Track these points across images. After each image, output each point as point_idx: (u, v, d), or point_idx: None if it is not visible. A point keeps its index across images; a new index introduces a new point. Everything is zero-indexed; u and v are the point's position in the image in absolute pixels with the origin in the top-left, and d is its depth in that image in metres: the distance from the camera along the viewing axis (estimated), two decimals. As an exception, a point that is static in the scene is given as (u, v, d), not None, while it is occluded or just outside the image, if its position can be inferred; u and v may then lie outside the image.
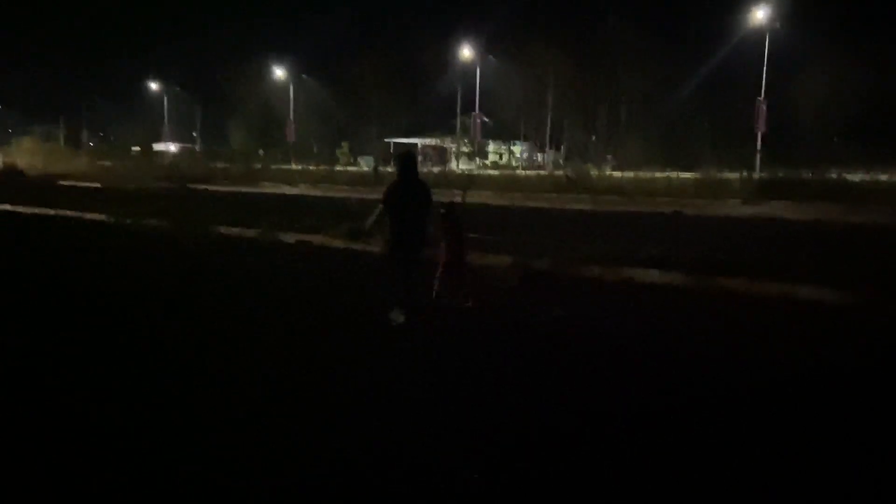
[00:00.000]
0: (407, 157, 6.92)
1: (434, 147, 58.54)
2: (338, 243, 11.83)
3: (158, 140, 71.95)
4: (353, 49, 58.62)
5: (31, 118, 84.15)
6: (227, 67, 62.36)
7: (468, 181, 30.03)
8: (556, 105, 51.45)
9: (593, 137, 46.29)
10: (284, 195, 27.90)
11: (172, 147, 69.88)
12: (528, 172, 35.56)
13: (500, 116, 54.49)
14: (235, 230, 13.64)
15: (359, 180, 36.13)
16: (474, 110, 53.63)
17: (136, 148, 70.83)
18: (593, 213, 19.71)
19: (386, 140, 59.65)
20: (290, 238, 12.43)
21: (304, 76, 60.37)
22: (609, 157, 44.26)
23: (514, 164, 52.46)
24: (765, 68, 34.96)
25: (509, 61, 51.18)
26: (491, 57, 49.37)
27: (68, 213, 17.20)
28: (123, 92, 76.75)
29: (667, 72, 46.01)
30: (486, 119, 54.56)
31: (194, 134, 70.93)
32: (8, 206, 19.00)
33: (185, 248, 11.65)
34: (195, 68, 68.21)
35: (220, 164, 49.59)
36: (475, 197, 24.19)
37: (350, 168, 48.04)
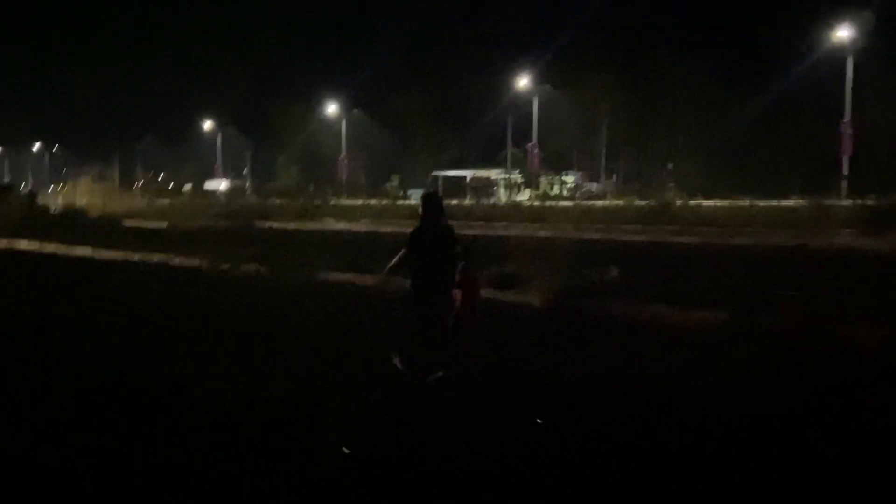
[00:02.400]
0: (429, 199, 6.48)
1: (482, 179, 57.28)
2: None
3: (209, 178, 71.86)
4: (400, 82, 57.75)
5: (85, 158, 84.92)
6: (276, 104, 62.09)
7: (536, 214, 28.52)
8: (610, 133, 49.91)
9: (670, 166, 44.35)
10: (357, 232, 26.53)
11: (223, 184, 69.61)
12: (593, 203, 33.73)
13: (551, 146, 53.05)
14: (346, 276, 12.16)
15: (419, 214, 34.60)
16: (525, 141, 52.32)
17: (188, 186, 70.74)
18: (700, 246, 17.85)
19: (434, 173, 58.50)
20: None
21: (355, 111, 59.56)
22: (671, 185, 42.32)
23: (564, 194, 50.88)
24: (848, 90, 32.94)
25: (560, 91, 49.86)
26: (549, 86, 47.96)
27: (154, 257, 15.86)
28: (174, 130, 77.03)
29: (727, 96, 44.25)
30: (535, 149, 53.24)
31: (245, 171, 70.55)
32: (90, 251, 17.77)
33: (312, 302, 10.08)
34: (244, 106, 67.95)
35: (276, 201, 48.80)
36: (550, 230, 22.81)
37: (408, 202, 46.78)
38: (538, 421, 5.09)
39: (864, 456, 4.49)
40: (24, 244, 20.51)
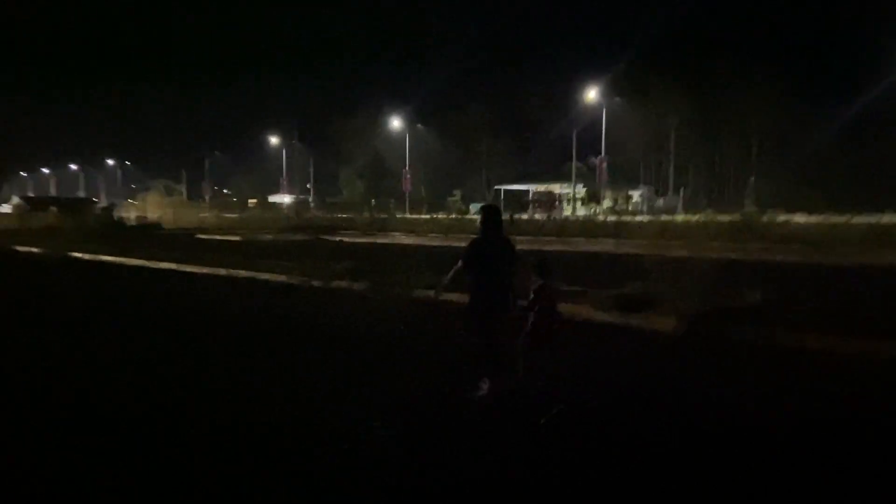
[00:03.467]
0: (489, 211, 6.18)
1: (545, 193, 56.24)
2: (604, 316, 9.30)
3: (273, 192, 72.75)
4: (463, 96, 57.39)
5: (154, 173, 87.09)
6: (340, 119, 62.48)
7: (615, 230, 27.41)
8: (678, 146, 48.35)
9: (752, 179, 42.54)
10: (431, 247, 25.85)
11: (287, 198, 70.33)
12: (672, 218, 32.27)
13: (616, 160, 51.73)
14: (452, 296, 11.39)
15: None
16: (594, 154, 51.16)
17: (253, 200, 71.76)
18: (812, 266, 16.41)
19: (496, 187, 57.77)
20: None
21: (419, 126, 59.38)
22: (746, 200, 40.47)
23: (629, 208, 49.38)
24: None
25: (629, 102, 48.58)
26: (618, 99, 46.72)
27: (241, 272, 15.43)
28: (240, 146, 78.46)
29: (805, 108, 42.31)
30: (593, 162, 51.99)
31: (308, 185, 71.16)
32: (174, 265, 17.51)
33: (421, 321, 9.36)
34: (309, 121, 68.75)
35: (340, 215, 48.82)
36: (635, 246, 21.68)
37: (474, 216, 46.11)
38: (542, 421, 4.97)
39: None
40: (107, 257, 20.47)
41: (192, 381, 6.51)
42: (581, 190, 52.96)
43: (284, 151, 70.84)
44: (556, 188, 55.32)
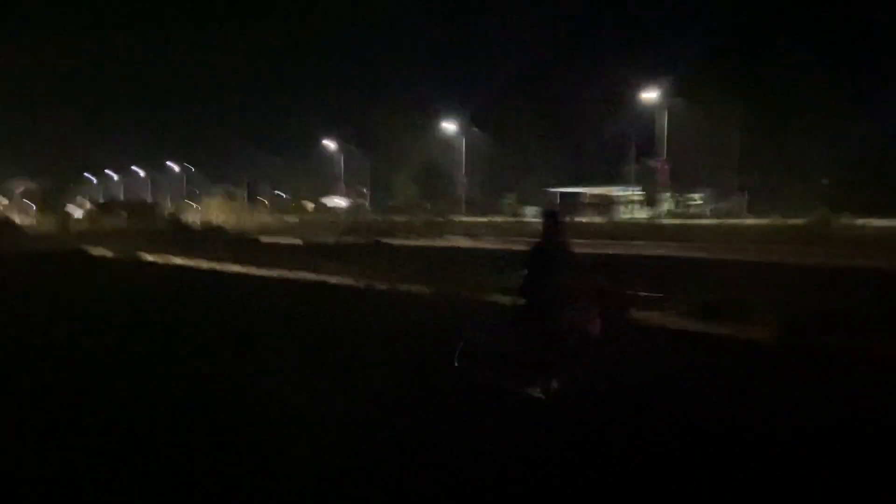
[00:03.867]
0: (550, 216, 6.37)
1: (600, 196, 55.37)
2: (688, 324, 8.91)
3: (329, 195, 73.69)
4: (517, 99, 56.88)
5: (216, 177, 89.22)
6: (395, 122, 62.84)
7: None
8: (741, 148, 46.92)
9: (825, 181, 40.98)
10: (489, 250, 25.63)
11: (343, 202, 71.11)
12: (739, 221, 31.26)
13: (675, 161, 50.51)
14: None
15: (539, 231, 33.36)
16: (650, 155, 50.13)
17: (310, 204, 72.83)
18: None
19: (551, 189, 57.11)
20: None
21: (473, 129, 59.25)
22: (817, 203, 38.82)
23: (689, 211, 48.12)
24: None
25: (689, 104, 47.37)
26: (679, 99, 45.64)
27: (309, 276, 15.54)
28: (297, 150, 79.58)
29: (870, 108, 40.47)
30: (653, 164, 50.90)
31: (364, 189, 71.80)
32: (242, 268, 17.77)
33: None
34: (365, 125, 69.26)
35: (396, 218, 49.06)
36: (702, 250, 21.02)
37: (531, 219, 45.78)
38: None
39: None
40: (178, 260, 20.94)
41: (289, 386, 6.46)
42: (638, 192, 51.92)
43: (341, 156, 71.68)
44: (612, 191, 54.40)
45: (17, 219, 52.20)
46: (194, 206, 76.30)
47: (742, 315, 8.68)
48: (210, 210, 67.70)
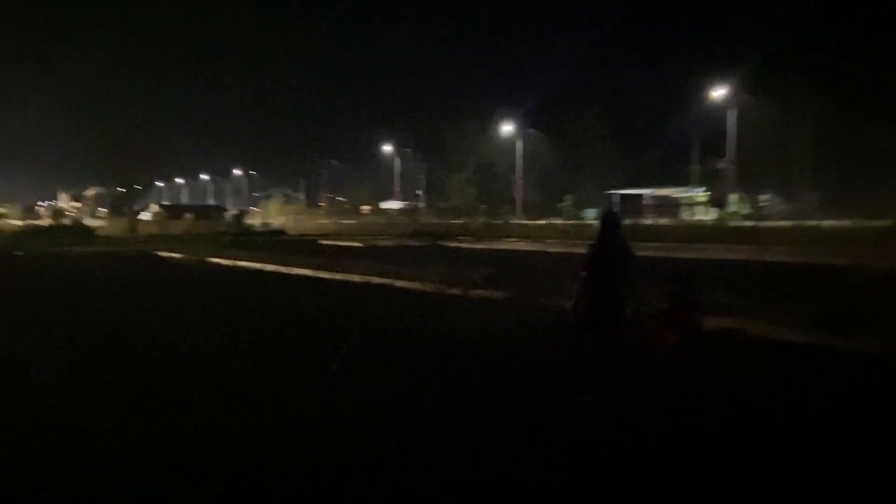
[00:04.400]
0: (608, 218, 6.10)
1: (661, 197, 53.84)
2: (805, 337, 8.09)
3: (384, 198, 74.00)
4: (575, 99, 55.85)
5: (275, 181, 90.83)
6: (451, 125, 62.58)
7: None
8: (807, 147, 44.80)
9: None
10: (552, 253, 25.00)
11: (398, 204, 71.29)
12: (818, 223, 29.62)
13: (740, 161, 48.67)
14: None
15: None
16: (713, 156, 48.43)
17: (366, 207, 73.30)
18: None
19: (610, 191, 55.87)
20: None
21: (530, 130, 58.49)
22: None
23: (754, 213, 46.22)
24: None
25: (754, 103, 45.54)
26: (748, 97, 43.93)
27: (375, 279, 15.25)
28: (354, 154, 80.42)
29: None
30: (721, 166, 49.11)
31: (418, 192, 71.82)
32: (310, 271, 17.61)
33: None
34: (420, 128, 69.34)
35: (452, 221, 48.83)
36: (775, 255, 19.89)
37: (591, 222, 44.83)
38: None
39: None
40: (244, 263, 21.00)
41: (371, 396, 6.08)
42: (703, 193, 50.22)
43: (396, 159, 71.88)
44: (674, 192, 52.83)
45: (90, 222, 54.05)
46: (255, 209, 77.79)
47: (862, 325, 7.77)
48: (270, 213, 68.99)
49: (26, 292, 14.43)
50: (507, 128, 58.25)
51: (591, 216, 46.42)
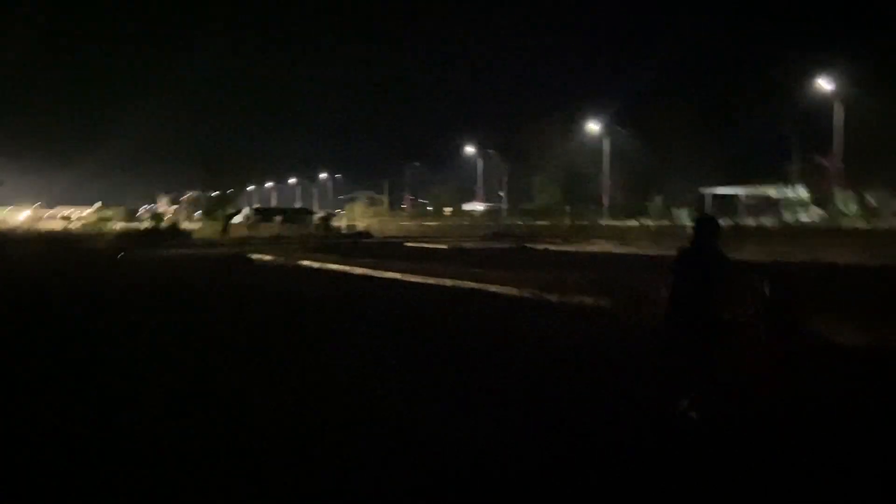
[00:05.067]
0: (703, 221, 5.77)
1: (758, 196, 50.86)
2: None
3: (466, 200, 73.58)
4: (665, 94, 53.64)
5: (360, 183, 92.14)
6: (533, 125, 61.45)
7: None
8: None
9: None
10: (646, 256, 23.74)
11: (480, 206, 70.69)
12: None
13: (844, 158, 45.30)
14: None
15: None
16: (817, 152, 45.29)
17: (448, 208, 73.09)
18: None
19: (703, 190, 53.31)
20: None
21: (618, 128, 56.61)
22: None
23: (864, 213, 42.80)
24: None
25: (863, 95, 42.24)
26: (856, 91, 40.83)
27: (466, 283, 14.63)
28: (436, 155, 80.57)
29: None
30: (823, 161, 45.88)
31: (501, 193, 71.00)
32: (398, 275, 17.19)
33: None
34: (502, 128, 68.55)
35: (536, 222, 47.82)
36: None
37: (686, 223, 42.81)
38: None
39: None
40: (333, 266, 20.83)
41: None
42: (803, 192, 47.11)
43: (479, 160, 71.34)
44: (771, 191, 49.78)
45: (186, 225, 56.21)
46: (340, 211, 79.04)
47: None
48: (354, 215, 69.83)
49: (142, 292, 14.56)
50: (593, 125, 56.60)
51: (682, 216, 44.34)
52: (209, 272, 19.86)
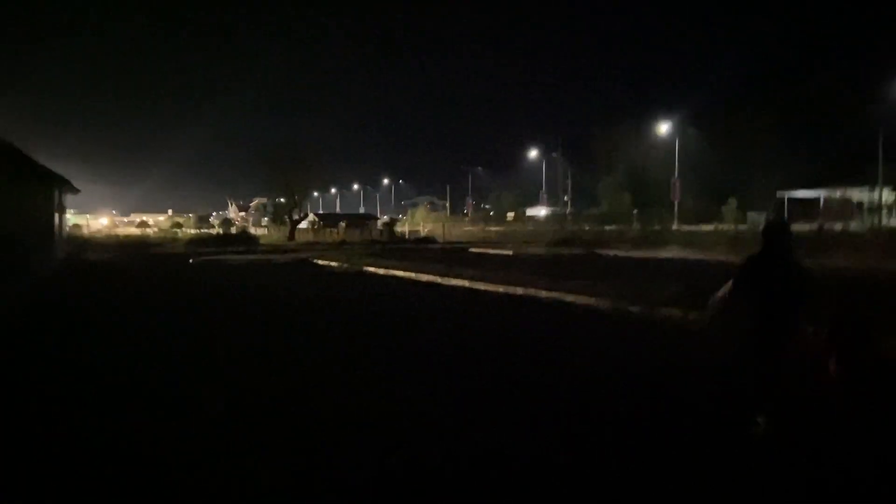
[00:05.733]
0: (773, 229, 5.22)
1: (840, 200, 47.96)
2: None
3: (529, 205, 72.47)
4: (740, 94, 51.33)
5: (421, 188, 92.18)
6: (600, 129, 59.95)
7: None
8: None
9: None
10: (723, 263, 22.32)
11: (543, 211, 69.49)
12: None
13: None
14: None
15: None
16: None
17: (511, 214, 72.16)
18: None
19: (780, 194, 50.76)
20: None
21: (689, 130, 54.59)
22: None
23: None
24: None
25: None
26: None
27: (541, 293, 13.81)
28: (498, 160, 79.85)
29: None
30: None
31: (566, 198, 69.61)
32: (466, 282, 16.50)
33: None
34: (566, 133, 67.27)
35: (606, 227, 46.42)
36: None
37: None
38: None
39: None
40: (399, 273, 20.30)
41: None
42: (889, 195, 44.12)
43: (543, 164, 70.25)
44: (856, 194, 46.83)
45: (254, 231, 57.25)
46: (402, 216, 79.16)
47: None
48: (417, 221, 69.69)
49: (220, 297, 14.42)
50: (663, 128, 54.72)
51: (760, 220, 42.14)
52: (277, 276, 19.68)
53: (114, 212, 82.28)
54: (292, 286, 16.83)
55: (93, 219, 71.29)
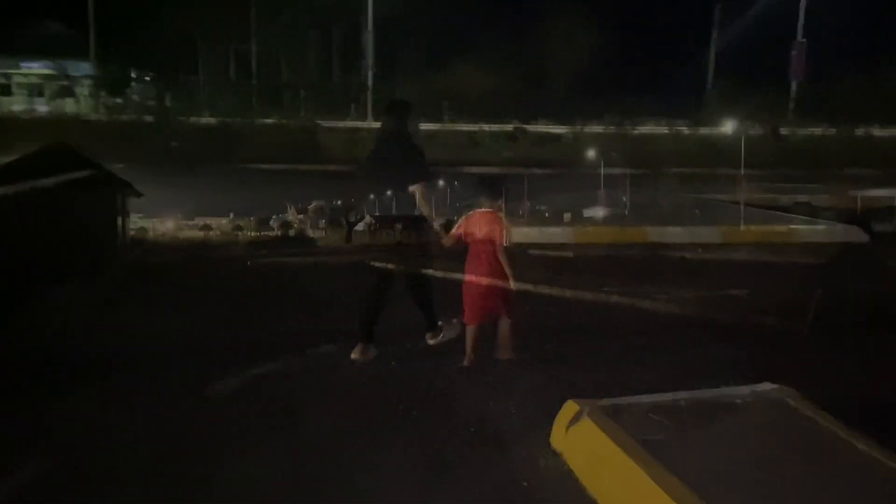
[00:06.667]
0: (394, 107, 5.14)
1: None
2: None
3: (586, 205, 70.89)
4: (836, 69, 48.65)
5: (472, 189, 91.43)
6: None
7: None
8: None
9: None
10: (807, 265, 20.82)
11: (601, 212, 67.86)
12: None
13: None
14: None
15: None
16: None
17: (568, 214, 70.68)
18: None
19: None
20: None
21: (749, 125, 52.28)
22: None
23: None
24: None
25: None
26: None
27: (612, 298, 12.86)
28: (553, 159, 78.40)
29: None
30: None
31: (624, 199, 67.83)
32: (530, 286, 15.54)
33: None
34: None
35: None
36: None
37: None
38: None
39: None
40: (458, 275, 19.48)
41: None
42: None
43: (601, 164, 68.74)
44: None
45: (311, 233, 57.45)
46: (457, 217, 78.52)
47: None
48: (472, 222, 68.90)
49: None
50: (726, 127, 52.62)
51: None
52: (334, 277, 19.22)
53: (178, 215, 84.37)
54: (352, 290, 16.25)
55: (158, 222, 73.22)
